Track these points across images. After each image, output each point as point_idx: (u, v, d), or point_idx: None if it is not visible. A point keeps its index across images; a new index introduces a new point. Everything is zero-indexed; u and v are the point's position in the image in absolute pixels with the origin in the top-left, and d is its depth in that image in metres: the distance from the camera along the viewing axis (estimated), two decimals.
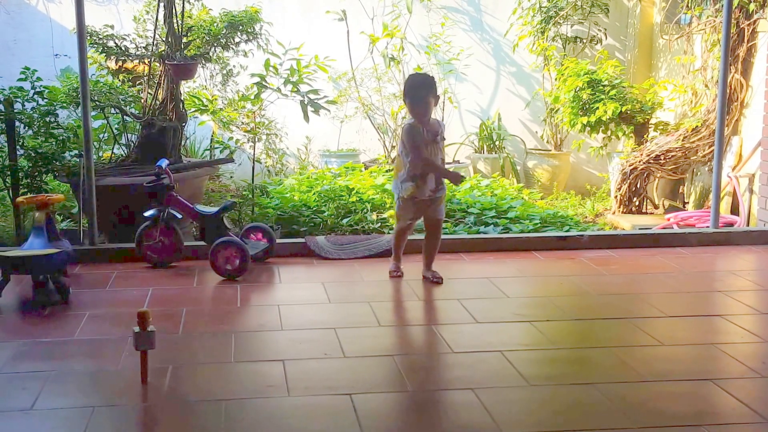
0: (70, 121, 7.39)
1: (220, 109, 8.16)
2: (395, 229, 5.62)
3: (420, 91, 5.18)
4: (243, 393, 3.67)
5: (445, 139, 5.39)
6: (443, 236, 6.56)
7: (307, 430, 3.36)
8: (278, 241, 6.17)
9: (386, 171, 8.53)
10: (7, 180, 6.65)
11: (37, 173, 6.56)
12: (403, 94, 5.38)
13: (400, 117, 9.52)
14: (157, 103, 7.11)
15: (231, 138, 8.25)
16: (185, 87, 7.96)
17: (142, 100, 7.28)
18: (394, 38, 9.50)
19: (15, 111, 6.58)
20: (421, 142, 5.17)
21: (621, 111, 8.34)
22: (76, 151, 6.72)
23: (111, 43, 7.24)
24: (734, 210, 7.63)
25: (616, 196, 8.49)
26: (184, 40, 7.21)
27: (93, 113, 6.73)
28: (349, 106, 9.65)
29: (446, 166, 5.59)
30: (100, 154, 7.74)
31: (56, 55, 9.24)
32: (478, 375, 3.88)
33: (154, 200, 5.81)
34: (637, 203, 8.42)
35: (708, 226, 6.87)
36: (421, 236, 6.57)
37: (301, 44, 7.72)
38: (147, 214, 5.82)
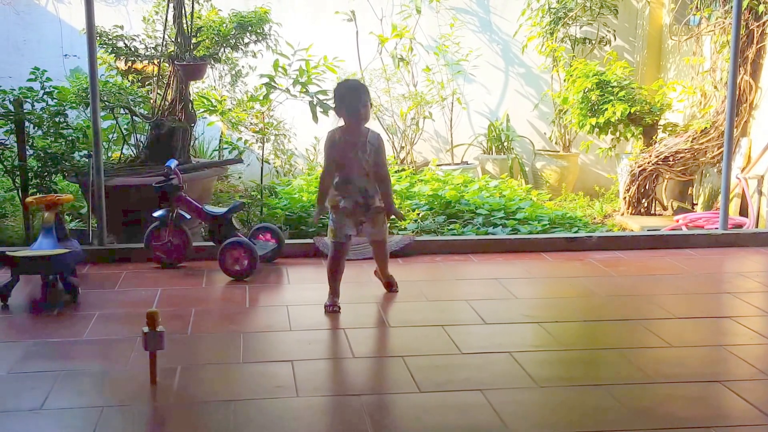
0: (79, 122, 7.41)
1: (229, 109, 8.16)
2: (329, 256, 5.03)
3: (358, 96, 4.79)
4: (252, 394, 3.67)
5: (368, 150, 4.81)
6: (452, 237, 6.60)
7: (316, 431, 3.36)
8: (287, 241, 6.18)
9: (395, 172, 8.53)
10: (16, 180, 6.67)
11: (46, 173, 6.58)
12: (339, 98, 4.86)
13: (409, 118, 9.52)
14: (166, 103, 7.12)
15: (240, 138, 8.25)
16: (194, 87, 7.97)
17: (151, 101, 7.30)
18: (403, 39, 9.50)
19: (25, 111, 6.59)
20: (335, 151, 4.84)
21: (630, 112, 8.32)
22: (86, 152, 6.72)
23: (120, 44, 7.26)
24: (743, 212, 7.61)
25: (624, 198, 8.48)
26: (194, 40, 7.22)
27: (102, 113, 6.75)
28: None
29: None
30: (109, 154, 7.75)
31: (66, 55, 9.28)
32: (487, 376, 3.88)
33: (163, 201, 5.82)
34: (645, 204, 8.40)
35: (717, 228, 6.85)
36: (429, 237, 6.61)
37: (310, 45, 7.71)
38: (156, 214, 5.83)
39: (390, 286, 5.27)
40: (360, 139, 4.82)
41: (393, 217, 4.96)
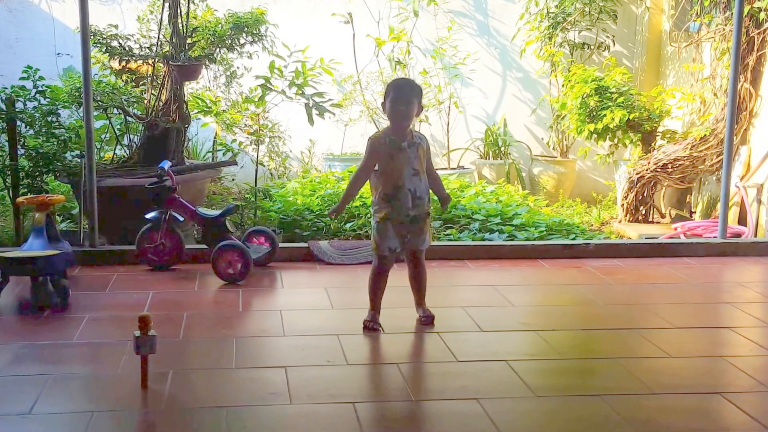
0: (71, 121, 7.35)
1: (224, 110, 8.11)
2: (371, 269, 4.71)
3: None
4: (244, 400, 3.62)
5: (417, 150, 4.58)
6: (448, 242, 6.54)
7: None
8: (281, 245, 6.12)
9: None
10: (7, 180, 6.61)
11: (37, 173, 6.53)
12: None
13: None
14: (160, 104, 7.07)
15: (234, 140, 8.20)
16: (188, 88, 7.91)
17: (145, 101, 7.24)
18: (401, 42, 9.46)
19: (16, 110, 6.54)
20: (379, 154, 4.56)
21: (628, 118, 8.28)
22: (78, 152, 6.67)
23: (114, 43, 7.21)
24: (742, 220, 7.57)
25: (622, 205, 8.44)
26: (189, 40, 7.16)
27: (95, 113, 6.68)
28: (354, 110, 9.60)
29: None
30: (102, 154, 7.70)
31: (59, 54, 9.18)
32: (483, 384, 3.83)
33: (155, 202, 5.76)
34: (643, 212, 8.36)
35: (715, 237, 6.80)
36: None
37: (307, 46, 7.66)
38: (148, 216, 5.78)
39: (428, 317, 4.72)
40: (407, 138, 4.56)
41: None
